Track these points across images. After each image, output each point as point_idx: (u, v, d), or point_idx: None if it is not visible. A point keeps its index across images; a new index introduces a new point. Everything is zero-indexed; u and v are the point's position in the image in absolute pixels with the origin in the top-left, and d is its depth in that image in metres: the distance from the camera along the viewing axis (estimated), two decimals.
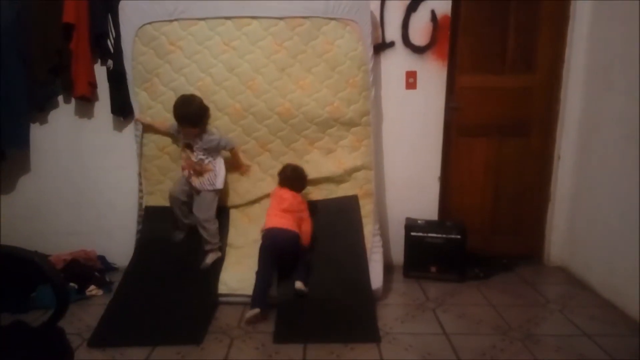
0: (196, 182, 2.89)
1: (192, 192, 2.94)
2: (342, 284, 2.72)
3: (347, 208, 3.02)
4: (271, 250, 2.68)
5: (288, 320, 2.56)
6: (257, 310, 2.54)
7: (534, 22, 3.25)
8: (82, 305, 2.81)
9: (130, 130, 3.19)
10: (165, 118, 3.02)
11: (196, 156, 2.88)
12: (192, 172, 2.89)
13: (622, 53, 2.80)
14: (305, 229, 2.82)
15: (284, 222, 2.73)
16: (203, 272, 2.85)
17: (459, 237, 3.15)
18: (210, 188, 2.89)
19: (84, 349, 2.36)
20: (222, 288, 2.77)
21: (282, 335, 2.43)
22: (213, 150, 2.89)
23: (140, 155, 3.08)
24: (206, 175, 2.88)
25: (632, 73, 2.70)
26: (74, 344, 2.30)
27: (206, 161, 2.88)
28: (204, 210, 2.89)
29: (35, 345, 1.51)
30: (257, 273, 2.65)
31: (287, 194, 2.83)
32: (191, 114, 2.81)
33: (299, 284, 2.65)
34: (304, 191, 2.97)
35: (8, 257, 1.66)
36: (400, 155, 3.31)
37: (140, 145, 3.07)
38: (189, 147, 2.89)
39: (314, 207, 3.02)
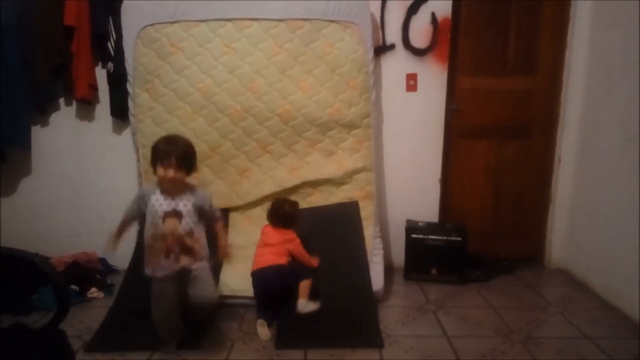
0: (185, 260, 2.21)
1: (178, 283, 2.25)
2: (344, 289, 2.71)
3: (348, 213, 3.01)
4: (262, 291, 2.57)
5: (289, 325, 2.53)
6: (261, 322, 2.50)
7: (534, 25, 3.26)
8: (83, 308, 2.81)
9: (130, 133, 3.19)
10: (165, 119, 3.03)
11: (187, 224, 2.18)
12: (178, 251, 2.18)
13: (623, 55, 2.80)
14: (298, 253, 2.67)
15: (267, 258, 2.56)
16: None
17: (459, 239, 3.15)
18: (205, 261, 2.27)
19: (83, 352, 2.35)
20: (223, 290, 2.77)
21: (284, 341, 2.41)
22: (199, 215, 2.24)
23: (140, 157, 3.08)
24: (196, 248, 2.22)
25: (632, 75, 2.70)
26: (74, 347, 2.31)
27: (196, 231, 2.21)
28: (208, 290, 2.29)
29: (37, 347, 1.52)
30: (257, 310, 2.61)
31: (269, 230, 2.68)
32: (181, 146, 2.18)
33: (301, 304, 2.54)
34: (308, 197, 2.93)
35: (9, 259, 1.67)
36: (401, 158, 3.31)
37: (139, 147, 3.07)
38: (175, 214, 2.18)
39: (314, 213, 2.99)
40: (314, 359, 2.28)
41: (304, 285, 2.60)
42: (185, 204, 2.19)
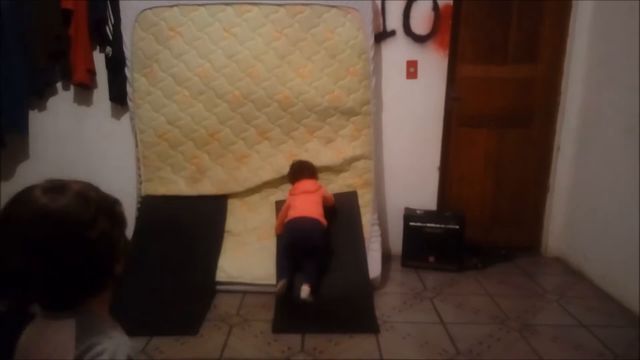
0: None
1: None
2: (342, 276, 2.72)
3: (347, 202, 3.01)
4: (298, 238, 2.60)
5: (287, 309, 2.54)
6: (284, 281, 2.55)
7: (536, 13, 3.23)
8: None
9: (128, 117, 3.17)
10: (163, 104, 3.02)
11: None
12: None
13: (624, 45, 2.78)
14: (328, 195, 2.87)
15: (307, 207, 2.65)
16: (200, 261, 2.81)
17: (457, 227, 3.15)
18: None
19: None
20: (221, 275, 2.77)
21: (281, 325, 2.43)
22: None
23: (138, 142, 3.07)
24: None
25: (633, 65, 2.68)
26: None
27: None
28: None
29: None
30: (277, 258, 2.68)
31: (303, 182, 2.81)
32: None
33: (305, 290, 2.50)
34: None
35: None
36: (400, 145, 3.30)
37: (138, 132, 3.05)
38: None
39: None
40: (312, 344, 2.29)
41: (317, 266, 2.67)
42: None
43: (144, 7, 2.94)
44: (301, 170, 2.86)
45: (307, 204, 2.69)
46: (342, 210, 2.98)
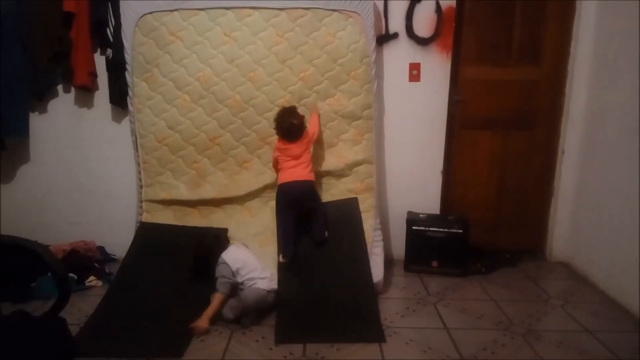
0: None
1: None
2: (344, 284, 2.68)
3: (348, 209, 2.98)
4: (288, 203, 2.73)
5: (289, 320, 2.50)
6: (288, 257, 2.68)
7: (539, 14, 3.20)
8: (81, 296, 2.81)
9: (129, 121, 3.16)
10: (164, 109, 3.01)
11: None
12: None
13: (628, 46, 2.75)
14: (316, 128, 2.90)
15: (297, 172, 2.76)
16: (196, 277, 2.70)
17: (460, 231, 3.12)
18: None
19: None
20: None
21: (284, 336, 2.38)
22: None
23: (138, 146, 3.06)
24: None
25: (637, 66, 2.65)
26: (74, 334, 2.30)
27: None
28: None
29: (38, 335, 1.51)
30: (278, 227, 2.75)
31: (287, 145, 2.80)
32: None
33: (319, 236, 2.77)
34: None
35: (9, 247, 1.66)
36: (403, 149, 3.28)
37: (138, 136, 3.05)
38: None
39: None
40: (314, 349, 2.27)
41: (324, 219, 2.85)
42: None
43: (144, 11, 2.93)
44: (290, 134, 2.78)
45: (296, 168, 2.78)
46: (343, 217, 2.95)
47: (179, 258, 2.77)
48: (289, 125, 2.78)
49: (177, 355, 2.25)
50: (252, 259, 2.62)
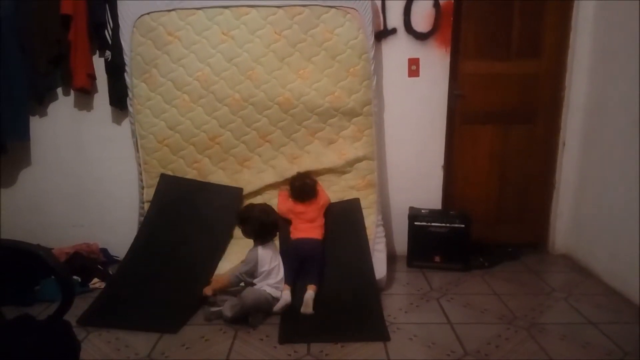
0: None
1: None
2: (348, 284, 2.68)
3: (350, 210, 2.98)
4: (295, 257, 2.72)
5: (292, 320, 2.50)
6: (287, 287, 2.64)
7: (538, 6, 3.20)
8: (86, 298, 2.80)
9: (129, 122, 3.16)
10: (163, 110, 3.02)
11: None
12: None
13: (628, 39, 2.74)
14: (326, 198, 2.98)
15: (309, 231, 2.80)
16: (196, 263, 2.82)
17: (462, 226, 3.12)
18: None
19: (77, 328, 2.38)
20: None
21: (287, 335, 2.38)
22: None
23: (139, 147, 3.06)
24: None
25: (637, 58, 2.65)
26: (78, 337, 2.31)
27: None
28: None
29: (43, 338, 1.51)
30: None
31: (304, 208, 2.87)
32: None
33: (309, 293, 2.58)
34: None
35: (12, 250, 1.66)
36: (403, 144, 3.28)
37: (138, 137, 3.05)
38: None
39: None
40: (318, 347, 2.27)
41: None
42: None
43: (141, 12, 2.93)
44: (303, 193, 2.89)
45: (309, 229, 2.82)
46: (345, 218, 2.96)
47: (197, 214, 2.96)
48: (302, 184, 2.89)
49: (173, 331, 2.39)
50: (277, 266, 2.64)
